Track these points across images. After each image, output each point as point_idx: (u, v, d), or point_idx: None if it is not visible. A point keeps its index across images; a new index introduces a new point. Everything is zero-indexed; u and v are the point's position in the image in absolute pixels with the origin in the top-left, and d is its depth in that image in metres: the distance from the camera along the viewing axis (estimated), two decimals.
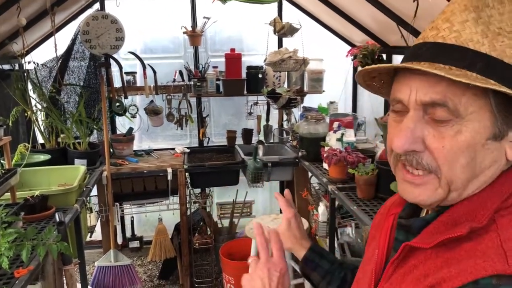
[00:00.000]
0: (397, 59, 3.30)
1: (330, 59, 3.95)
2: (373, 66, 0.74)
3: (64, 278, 2.04)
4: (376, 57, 3.18)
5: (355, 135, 3.24)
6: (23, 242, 1.55)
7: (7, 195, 2.12)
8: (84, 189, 2.69)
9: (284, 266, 0.93)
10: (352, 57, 3.43)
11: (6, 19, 2.59)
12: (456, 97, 0.65)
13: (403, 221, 0.80)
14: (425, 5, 2.27)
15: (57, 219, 1.95)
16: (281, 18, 3.79)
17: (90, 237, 3.42)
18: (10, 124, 2.68)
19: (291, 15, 3.74)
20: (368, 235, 0.96)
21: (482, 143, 0.66)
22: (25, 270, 1.60)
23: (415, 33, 2.60)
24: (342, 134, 2.90)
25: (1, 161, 2.33)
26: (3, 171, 2.00)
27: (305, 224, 2.77)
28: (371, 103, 3.72)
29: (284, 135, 3.92)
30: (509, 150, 0.68)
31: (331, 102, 3.89)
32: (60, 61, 3.34)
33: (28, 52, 3.13)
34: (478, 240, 0.65)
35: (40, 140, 3.35)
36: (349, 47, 3.65)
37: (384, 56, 3.37)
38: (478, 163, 0.67)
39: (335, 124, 3.03)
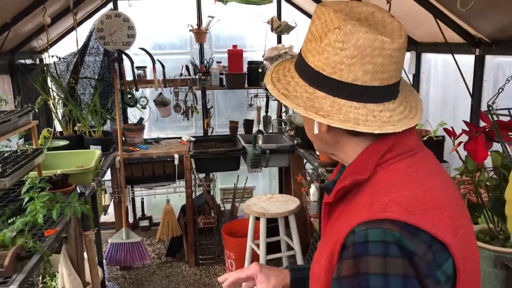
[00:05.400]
0: None
1: None
2: None
3: (84, 242, 2.35)
4: None
5: None
6: (53, 204, 1.86)
7: (33, 173, 2.42)
8: (100, 170, 2.98)
9: None
10: None
11: (30, 18, 2.88)
12: None
13: (323, 184, 0.98)
14: (397, 5, 2.44)
15: (78, 191, 2.26)
16: (280, 17, 4.08)
17: (105, 215, 3.70)
18: (36, 111, 2.98)
19: (289, 13, 4.00)
20: None
21: None
22: (53, 231, 1.91)
23: None
24: None
25: (26, 145, 2.64)
26: (31, 150, 2.31)
27: (296, 203, 3.06)
28: None
29: (283, 126, 4.19)
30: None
31: None
32: (77, 56, 3.64)
33: (47, 48, 3.44)
34: (360, 193, 0.80)
35: (58, 128, 3.66)
36: None
37: None
38: None
39: None
